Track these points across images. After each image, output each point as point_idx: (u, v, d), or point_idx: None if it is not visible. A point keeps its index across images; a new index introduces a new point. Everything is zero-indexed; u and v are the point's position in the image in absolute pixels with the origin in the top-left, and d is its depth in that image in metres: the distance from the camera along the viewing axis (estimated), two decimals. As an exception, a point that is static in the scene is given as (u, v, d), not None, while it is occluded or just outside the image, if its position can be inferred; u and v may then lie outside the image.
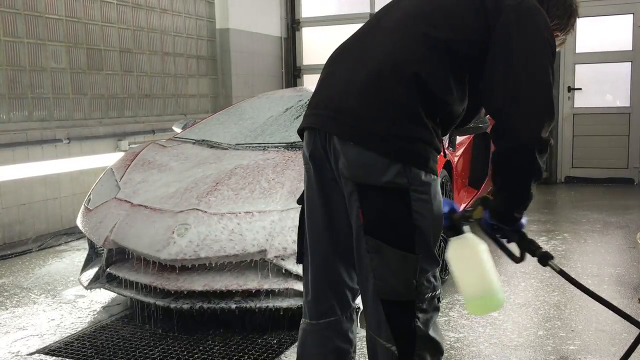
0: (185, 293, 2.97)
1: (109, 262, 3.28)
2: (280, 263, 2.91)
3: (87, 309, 3.47)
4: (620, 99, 7.59)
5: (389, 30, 1.70)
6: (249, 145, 3.88)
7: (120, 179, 3.67)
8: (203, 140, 4.15)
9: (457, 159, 4.29)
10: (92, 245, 3.58)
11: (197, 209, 3.12)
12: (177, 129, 4.86)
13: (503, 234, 1.76)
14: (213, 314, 3.05)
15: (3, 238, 4.89)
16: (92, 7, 5.66)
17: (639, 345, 1.72)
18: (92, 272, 3.39)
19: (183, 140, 4.26)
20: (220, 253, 2.92)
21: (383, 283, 1.64)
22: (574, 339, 2.94)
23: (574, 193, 7.11)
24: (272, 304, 2.92)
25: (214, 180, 3.36)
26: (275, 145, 3.80)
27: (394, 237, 1.60)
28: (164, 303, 2.98)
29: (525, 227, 1.74)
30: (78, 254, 4.63)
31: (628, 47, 7.42)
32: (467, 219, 1.77)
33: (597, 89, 7.68)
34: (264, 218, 3.04)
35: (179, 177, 3.54)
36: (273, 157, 3.58)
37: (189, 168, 3.64)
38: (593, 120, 7.65)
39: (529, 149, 1.56)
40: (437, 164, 1.64)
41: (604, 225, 5.29)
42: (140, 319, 3.23)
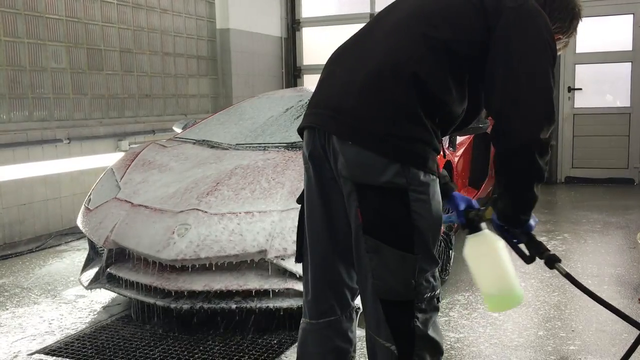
0: (186, 293, 2.97)
1: (109, 262, 3.28)
2: (281, 263, 2.91)
3: (87, 309, 3.48)
4: (621, 99, 7.59)
5: (389, 31, 1.70)
6: (249, 146, 3.88)
7: (121, 179, 3.67)
8: (203, 141, 4.15)
9: (457, 159, 4.29)
10: (92, 246, 3.58)
11: (197, 209, 3.12)
12: (177, 129, 4.86)
13: (512, 235, 1.76)
14: (213, 314, 3.05)
15: (3, 238, 4.90)
16: (92, 7, 5.66)
17: (640, 346, 1.72)
18: (92, 272, 3.39)
19: (183, 141, 4.26)
20: (221, 253, 2.92)
21: (382, 283, 1.64)
22: (575, 339, 2.94)
23: (574, 193, 7.11)
24: (272, 304, 2.92)
25: (214, 181, 3.36)
26: (276, 146, 3.80)
27: (393, 237, 1.60)
28: (164, 303, 2.98)
29: (535, 228, 1.75)
30: (78, 254, 4.63)
31: (628, 47, 7.42)
32: (480, 218, 1.78)
33: (597, 89, 7.68)
34: (264, 218, 3.04)
35: (179, 177, 3.54)
36: (273, 157, 3.58)
37: (189, 168, 3.64)
38: (593, 121, 7.65)
39: (529, 151, 1.56)
40: (436, 164, 1.63)
41: (604, 226, 5.29)
42: (141, 319, 3.24)
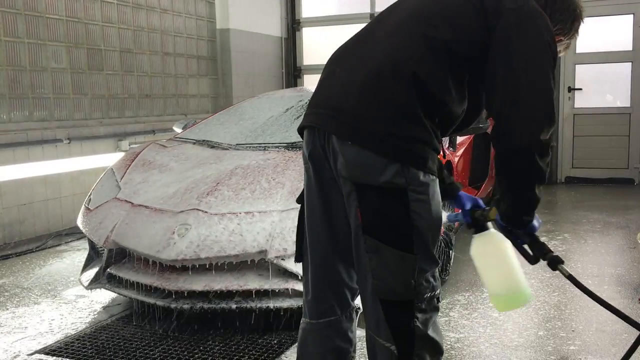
0: (186, 293, 2.97)
1: (109, 262, 3.28)
2: (281, 263, 2.91)
3: (87, 309, 3.48)
4: (621, 99, 7.59)
5: (390, 31, 1.70)
6: (250, 146, 3.88)
7: (121, 179, 3.67)
8: (203, 141, 4.15)
9: (457, 159, 4.29)
10: (92, 246, 3.58)
11: (197, 209, 3.12)
12: (177, 129, 4.87)
13: (515, 236, 1.77)
14: (213, 314, 3.05)
15: (3, 238, 4.90)
16: (92, 7, 5.66)
17: (640, 346, 1.72)
18: (92, 272, 3.40)
19: (183, 141, 4.26)
20: (221, 253, 2.92)
21: (381, 283, 1.64)
22: (575, 340, 2.94)
23: (574, 193, 7.11)
24: (272, 304, 2.92)
25: (215, 181, 3.36)
26: (276, 146, 3.80)
27: (392, 237, 1.60)
28: (165, 303, 2.98)
29: (538, 229, 1.75)
30: (78, 254, 4.63)
31: (628, 47, 7.42)
32: (485, 218, 1.78)
33: (597, 89, 7.68)
34: (265, 218, 3.04)
35: (180, 177, 3.54)
36: (273, 157, 3.58)
37: (190, 168, 3.64)
38: (593, 121, 7.64)
39: (529, 152, 1.56)
40: (436, 165, 1.63)
41: (604, 226, 5.29)
42: (141, 319, 3.23)
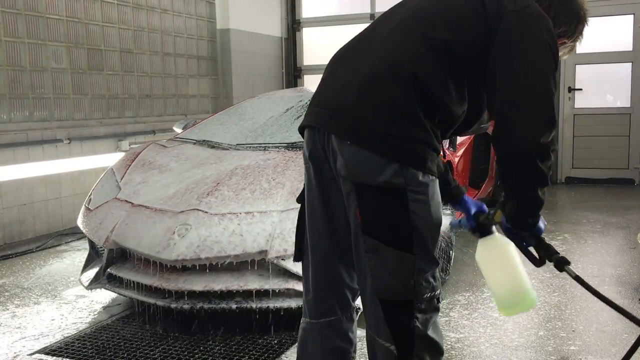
0: (186, 293, 2.97)
1: (110, 262, 3.28)
2: (281, 263, 2.91)
3: (87, 309, 3.48)
4: (621, 100, 7.59)
5: (390, 32, 1.70)
6: (250, 146, 3.88)
7: (121, 179, 3.67)
8: (204, 141, 4.15)
9: (457, 160, 4.29)
10: (92, 246, 3.58)
11: (197, 210, 3.12)
12: (177, 129, 4.87)
13: (521, 238, 1.77)
14: (213, 314, 3.05)
15: (4, 238, 4.90)
16: (92, 7, 5.66)
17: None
18: (92, 272, 3.40)
19: (183, 141, 4.26)
20: (221, 254, 2.92)
21: (381, 283, 1.64)
22: (575, 340, 2.94)
23: (575, 193, 7.10)
24: (272, 305, 2.92)
25: (215, 181, 3.36)
26: (276, 146, 3.80)
27: (392, 237, 1.60)
28: (165, 303, 2.98)
29: (544, 231, 1.75)
30: (78, 254, 4.63)
31: (628, 47, 7.42)
32: (489, 221, 1.79)
33: (597, 90, 7.68)
34: (265, 219, 3.04)
35: (180, 177, 3.54)
36: (274, 157, 3.58)
37: (190, 168, 3.64)
38: (593, 121, 7.64)
39: (529, 156, 1.56)
40: (435, 165, 1.63)
41: (605, 226, 5.29)
42: (141, 319, 3.24)
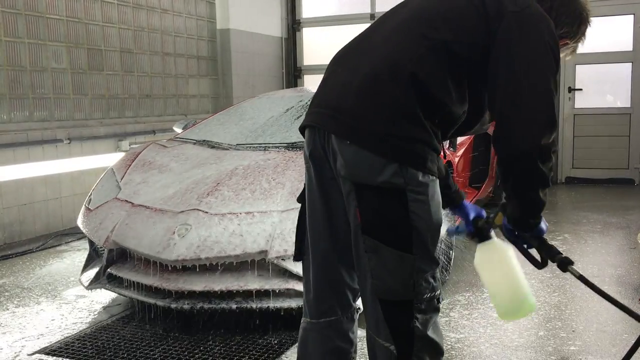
0: (186, 293, 2.97)
1: (110, 262, 3.28)
2: (281, 264, 2.91)
3: (87, 309, 3.48)
4: (621, 100, 7.59)
5: (391, 32, 1.70)
6: (250, 146, 3.88)
7: (121, 179, 3.67)
8: (204, 141, 4.15)
9: (457, 160, 4.29)
10: (92, 246, 3.58)
11: (197, 210, 3.12)
12: (177, 129, 4.87)
13: (523, 240, 1.77)
14: (213, 315, 3.05)
15: (4, 238, 4.90)
16: (92, 7, 5.66)
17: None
18: (92, 272, 3.40)
19: (184, 141, 4.26)
20: (221, 254, 2.92)
21: (380, 283, 1.63)
22: (575, 340, 2.94)
23: (575, 194, 7.10)
24: (273, 305, 2.92)
25: (215, 181, 3.36)
26: (276, 146, 3.80)
27: (391, 237, 1.60)
28: (165, 303, 2.98)
29: (546, 232, 1.75)
30: (79, 254, 4.63)
31: (629, 47, 7.42)
32: (490, 225, 1.78)
33: (597, 90, 7.68)
34: (265, 219, 3.04)
35: (180, 177, 3.54)
36: (274, 157, 3.58)
37: (190, 168, 3.64)
38: (594, 121, 7.64)
39: (530, 157, 1.57)
40: (436, 165, 1.62)
41: (605, 226, 5.29)
42: (141, 320, 3.24)
